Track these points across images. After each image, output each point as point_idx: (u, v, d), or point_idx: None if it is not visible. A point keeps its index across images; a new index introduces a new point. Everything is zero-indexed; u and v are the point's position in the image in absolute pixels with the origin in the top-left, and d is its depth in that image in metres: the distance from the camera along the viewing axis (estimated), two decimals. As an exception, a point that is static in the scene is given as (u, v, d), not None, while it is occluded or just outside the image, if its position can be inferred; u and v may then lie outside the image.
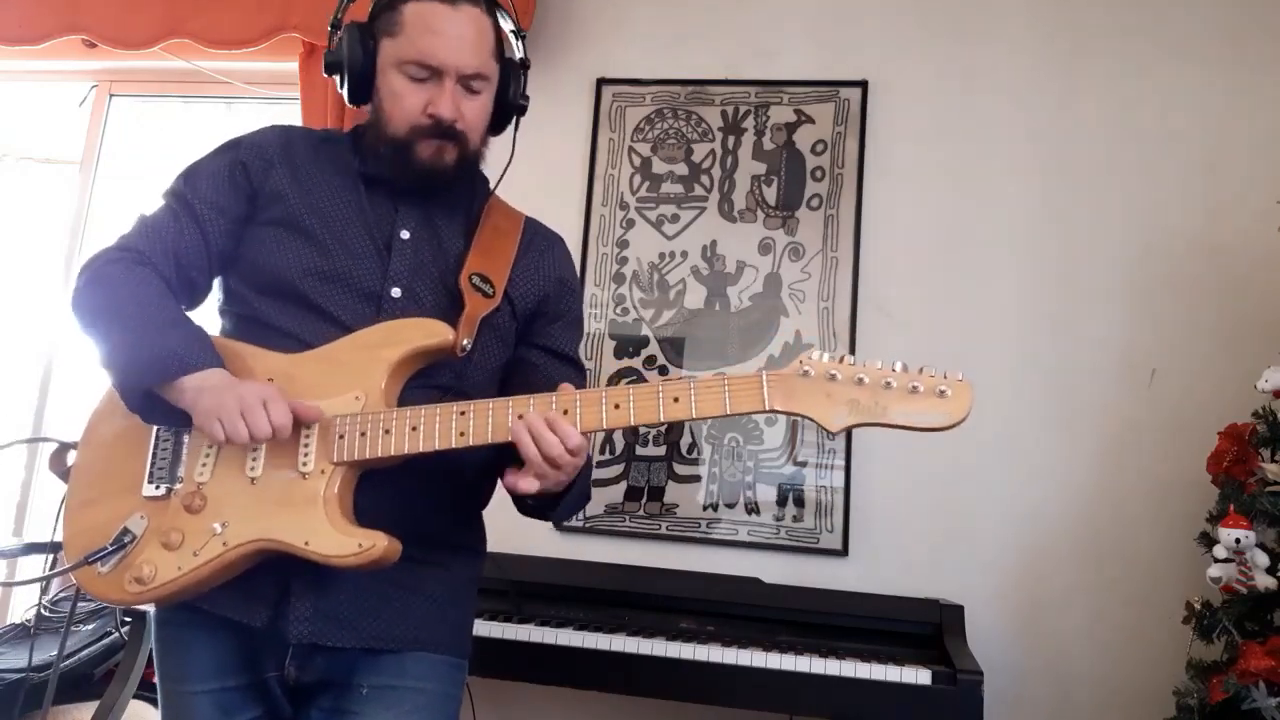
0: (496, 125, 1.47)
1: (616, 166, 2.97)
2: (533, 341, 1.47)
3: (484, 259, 1.40)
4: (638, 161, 2.97)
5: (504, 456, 1.33)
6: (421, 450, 1.24)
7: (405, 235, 1.39)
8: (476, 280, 1.37)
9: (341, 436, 1.25)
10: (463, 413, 1.24)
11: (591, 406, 1.22)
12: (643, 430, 2.80)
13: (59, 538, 1.32)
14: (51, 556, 2.37)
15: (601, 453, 2.80)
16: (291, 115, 3.17)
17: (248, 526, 1.24)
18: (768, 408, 1.18)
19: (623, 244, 2.93)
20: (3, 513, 3.25)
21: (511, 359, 1.46)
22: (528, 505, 1.34)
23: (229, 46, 3.09)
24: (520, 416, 1.21)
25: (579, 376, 1.49)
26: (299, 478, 1.25)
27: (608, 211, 2.95)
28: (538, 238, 1.50)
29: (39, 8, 3.19)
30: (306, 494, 1.24)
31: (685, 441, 2.78)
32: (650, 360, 2.85)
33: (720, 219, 2.89)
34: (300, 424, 1.26)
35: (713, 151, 2.93)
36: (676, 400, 1.20)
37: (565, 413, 1.21)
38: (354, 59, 1.39)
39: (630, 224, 2.93)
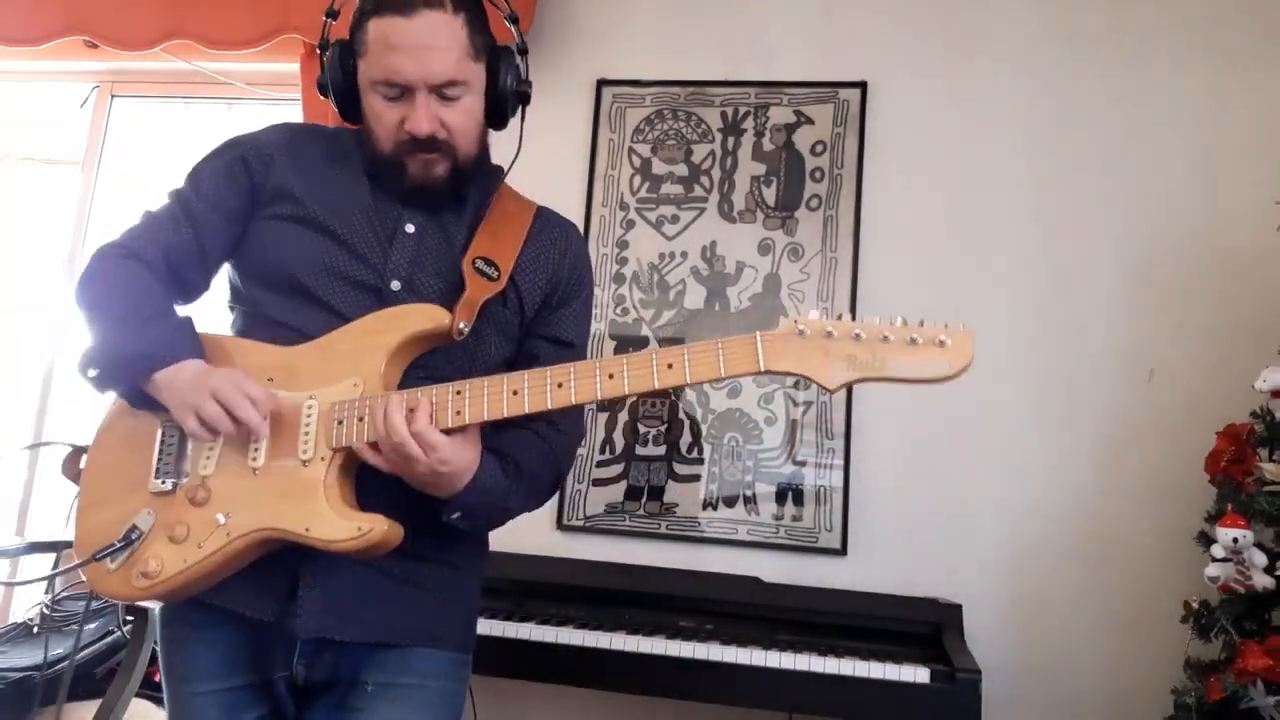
0: (498, 119, 1.44)
1: (616, 167, 2.98)
2: (537, 332, 1.43)
3: (489, 242, 1.39)
4: (638, 162, 2.97)
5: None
6: None
7: (410, 229, 1.39)
8: (480, 264, 1.35)
9: (340, 422, 1.26)
10: (459, 392, 1.24)
11: (585, 379, 1.20)
12: (643, 430, 2.81)
13: (70, 538, 1.32)
14: (56, 555, 2.39)
15: (601, 452, 2.81)
16: (292, 116, 3.18)
17: (250, 516, 1.24)
18: (763, 368, 1.16)
19: (623, 244, 2.93)
20: (4, 512, 3.26)
21: (516, 354, 1.43)
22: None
23: (230, 47, 3.09)
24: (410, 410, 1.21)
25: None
26: (299, 465, 1.26)
27: (608, 212, 2.96)
28: (548, 226, 1.47)
29: (40, 8, 3.20)
30: (307, 481, 1.25)
31: (685, 441, 2.79)
32: (650, 360, 2.85)
33: (720, 219, 2.89)
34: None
35: (712, 152, 2.94)
36: (670, 366, 1.19)
37: (561, 385, 1.21)
38: (335, 81, 1.38)
39: (630, 224, 2.94)
